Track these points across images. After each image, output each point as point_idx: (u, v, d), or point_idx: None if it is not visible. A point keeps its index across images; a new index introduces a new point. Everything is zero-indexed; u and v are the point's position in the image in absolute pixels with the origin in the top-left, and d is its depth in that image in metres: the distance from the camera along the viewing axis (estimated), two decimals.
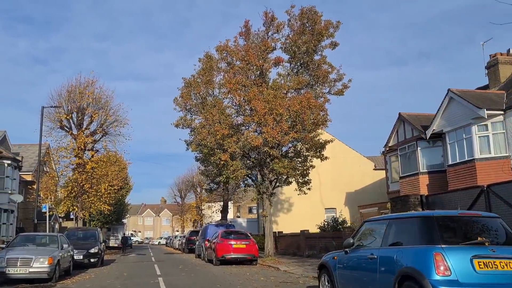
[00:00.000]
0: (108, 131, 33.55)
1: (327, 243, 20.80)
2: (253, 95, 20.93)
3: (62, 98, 32.35)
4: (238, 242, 20.65)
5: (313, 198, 37.82)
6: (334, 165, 35.42)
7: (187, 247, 37.03)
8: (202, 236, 27.32)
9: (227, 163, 20.88)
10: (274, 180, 23.98)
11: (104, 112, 32.99)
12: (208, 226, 26.96)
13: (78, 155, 31.26)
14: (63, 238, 17.42)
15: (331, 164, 32.31)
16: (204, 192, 63.45)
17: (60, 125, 31.92)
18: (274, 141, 20.50)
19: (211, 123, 20.69)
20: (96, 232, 22.96)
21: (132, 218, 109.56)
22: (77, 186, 31.24)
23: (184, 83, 22.85)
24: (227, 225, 27.74)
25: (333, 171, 37.37)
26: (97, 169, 31.84)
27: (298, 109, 20.66)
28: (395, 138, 28.57)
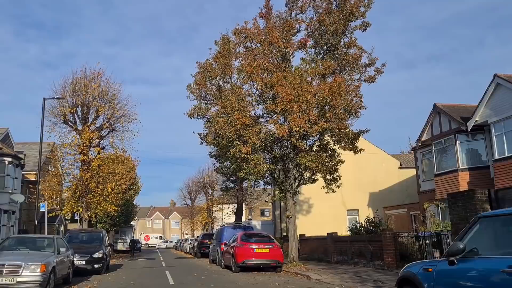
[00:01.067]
0: (115, 126, 31.34)
1: (361, 247, 18.28)
2: (277, 80, 18.51)
3: (66, 91, 30.21)
4: (261, 246, 18.19)
5: (334, 199, 35.20)
6: (356, 164, 32.81)
7: (200, 251, 34.60)
8: (217, 240, 24.88)
9: (248, 156, 18.47)
10: (298, 177, 21.53)
11: (111, 106, 30.77)
12: (224, 228, 24.53)
13: (83, 152, 29.03)
14: (61, 241, 15.09)
15: (353, 163, 29.80)
16: (215, 194, 61.12)
17: (64, 119, 29.74)
18: (301, 131, 18.05)
19: (230, 111, 18.30)
20: (101, 234, 20.63)
21: (140, 221, 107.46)
22: (82, 185, 29.01)
23: (198, 68, 20.52)
24: (245, 226, 25.31)
25: (355, 170, 34.74)
26: (103, 167, 29.60)
27: (328, 96, 18.20)
28: (429, 131, 25.97)
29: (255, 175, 18.57)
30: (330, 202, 34.90)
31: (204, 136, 22.93)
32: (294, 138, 18.33)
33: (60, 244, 14.35)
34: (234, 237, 19.98)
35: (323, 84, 18.58)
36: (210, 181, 60.23)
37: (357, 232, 19.81)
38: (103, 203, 29.05)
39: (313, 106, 18.47)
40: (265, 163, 19.05)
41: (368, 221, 19.54)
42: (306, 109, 18.37)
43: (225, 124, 18.08)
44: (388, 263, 16.04)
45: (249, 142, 18.25)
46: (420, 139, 26.70)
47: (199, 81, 19.75)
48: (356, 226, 20.33)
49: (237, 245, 18.51)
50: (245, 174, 18.84)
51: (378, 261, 16.88)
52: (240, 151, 18.16)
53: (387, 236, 16.13)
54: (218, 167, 25.71)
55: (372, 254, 17.34)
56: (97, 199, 28.86)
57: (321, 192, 35.10)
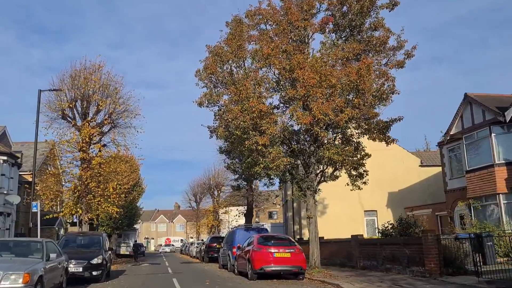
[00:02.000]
0: (117, 122, 29.26)
1: (395, 251, 16.08)
2: (297, 63, 16.40)
3: (64, 85, 28.17)
4: (281, 250, 16.02)
5: (350, 199, 33.05)
6: (374, 161, 30.42)
7: (207, 255, 32.45)
8: (229, 243, 22.75)
9: (266, 149, 16.33)
10: (319, 173, 19.39)
11: (112, 100, 28.69)
12: (236, 231, 22.37)
13: (82, 149, 26.96)
14: (52, 245, 12.99)
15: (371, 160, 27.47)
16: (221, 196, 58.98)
17: (62, 114, 27.70)
18: (326, 120, 15.91)
19: (244, 97, 16.17)
20: (101, 237, 18.54)
21: (144, 224, 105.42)
22: (82, 185, 26.94)
23: (208, 52, 18.42)
24: (259, 228, 23.14)
25: (373, 168, 31.97)
26: (104, 165, 27.53)
27: (355, 79, 16.07)
28: (459, 124, 23.78)
29: (274, 170, 16.41)
30: (346, 202, 32.75)
31: (214, 129, 20.78)
32: (318, 127, 16.19)
33: (51, 249, 12.26)
34: (250, 240, 17.84)
35: (350, 66, 16.46)
36: (216, 183, 58.10)
37: (388, 234, 17.62)
38: (104, 204, 26.94)
39: (338, 91, 16.34)
40: (285, 156, 16.87)
41: (401, 221, 17.36)
42: (331, 95, 16.23)
43: (240, 112, 15.96)
44: (430, 269, 13.86)
45: (266, 132, 16.12)
46: (448, 133, 24.51)
47: (209, 65, 17.63)
48: (386, 228, 18.13)
49: (253, 249, 16.36)
50: (262, 169, 16.70)
51: (417, 267, 14.70)
52: (256, 143, 16.01)
53: (428, 238, 13.94)
54: (228, 164, 23.54)
55: (409, 259, 15.15)
56: (97, 200, 26.76)
57: (337, 192, 33.04)
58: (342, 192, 33.41)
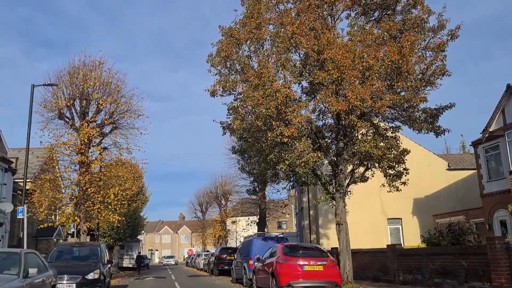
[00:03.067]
0: (118, 123, 26.87)
1: (447, 263, 13.48)
2: (327, 42, 13.98)
3: (62, 82, 25.88)
4: (312, 262, 13.45)
5: (371, 206, 30.49)
6: None
7: (217, 267, 29.85)
8: (244, 254, 20.20)
9: (292, 141, 13.84)
10: (350, 173, 16.88)
11: (114, 99, 26.33)
12: (252, 240, 19.78)
13: (80, 151, 24.55)
14: (34, 257, 10.47)
15: None
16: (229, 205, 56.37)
17: (59, 114, 25.35)
18: (364, 107, 13.43)
19: (267, 81, 13.73)
20: (99, 248, 16.03)
21: (148, 235, 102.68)
22: (80, 191, 24.49)
23: (222, 33, 16.00)
24: (279, 237, 20.58)
25: None
26: (104, 169, 25.12)
27: (397, 59, 13.63)
28: (499, 119, 21.26)
29: (302, 167, 13.89)
30: (367, 210, 30.14)
31: (227, 125, 18.32)
32: (354, 116, 13.71)
33: (31, 263, 9.75)
34: (272, 251, 15.27)
35: (391, 45, 14.02)
36: (223, 191, 55.50)
37: (436, 242, 15.01)
38: (104, 212, 24.44)
39: (376, 74, 13.88)
40: (316, 151, 14.35)
41: (455, 227, 14.75)
42: (368, 78, 13.78)
43: (262, 98, 13.50)
44: (500, 285, 11.26)
45: (293, 122, 13.64)
46: (487, 130, 21.96)
47: (224, 47, 15.19)
48: (434, 235, 15.53)
49: (278, 261, 13.80)
50: (288, 166, 14.20)
51: (479, 282, 12.11)
52: (281, 134, 13.52)
53: (496, 246, 11.36)
54: (243, 165, 21.00)
55: (468, 272, 12.56)
56: (97, 208, 24.26)
57: (357, 198, 30.30)
58: (362, 198, 30.88)
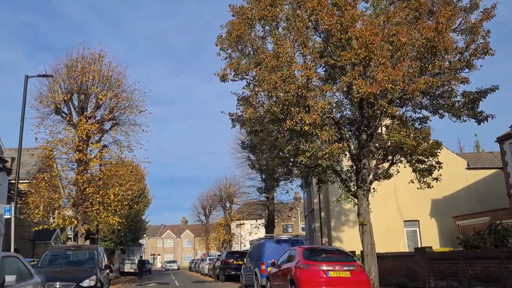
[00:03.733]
0: (119, 119, 25.29)
1: (491, 268, 11.79)
2: (351, 19, 12.38)
3: (59, 75, 24.33)
4: (337, 267, 11.79)
5: (387, 208, 28.77)
6: None
7: (223, 273, 28.18)
8: (255, 258, 18.54)
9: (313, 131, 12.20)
10: (374, 168, 15.23)
11: (114, 93, 24.75)
12: (264, 243, 18.06)
13: (78, 148, 22.97)
14: (15, 262, 8.81)
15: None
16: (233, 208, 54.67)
17: (56, 109, 23.80)
18: (396, 90, 11.80)
19: (284, 61, 12.12)
20: (95, 252, 14.41)
21: (150, 240, 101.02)
22: (78, 191, 22.89)
23: (233, 13, 14.37)
24: (293, 240, 18.88)
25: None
26: (104, 167, 23.55)
27: (433, 36, 12.01)
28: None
29: (326, 159, 12.23)
30: (382, 212, 28.37)
31: (237, 117, 16.71)
32: (385, 100, 12.07)
33: (10, 269, 8.11)
34: (289, 254, 13.63)
35: (424, 21, 12.41)
36: (228, 193, 53.80)
37: (475, 245, 13.34)
38: (103, 213, 22.82)
39: (408, 54, 12.26)
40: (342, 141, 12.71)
41: (497, 228, 13.09)
42: (399, 58, 12.16)
43: (280, 80, 11.87)
44: None
45: (314, 108, 12.01)
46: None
47: (236, 26, 13.55)
48: (472, 237, 13.85)
49: (298, 266, 12.14)
50: (308, 158, 12.54)
51: None
52: (302, 121, 11.89)
53: None
54: (253, 162, 19.28)
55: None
56: (96, 209, 22.64)
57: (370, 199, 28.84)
58: (377, 199, 28.97)
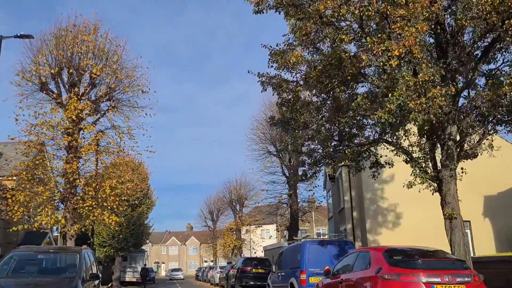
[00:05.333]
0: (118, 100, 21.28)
1: None
2: None
3: (46, 46, 20.38)
4: (446, 278, 7.58)
5: (432, 206, 24.33)
6: None
7: (240, 283, 23.94)
8: (290, 265, 14.37)
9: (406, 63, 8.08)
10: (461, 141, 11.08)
11: (111, 69, 20.74)
12: (304, 246, 13.73)
13: (67, 131, 18.95)
14: None
15: None
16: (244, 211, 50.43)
17: (41, 85, 19.82)
18: None
19: None
20: (77, 257, 10.25)
21: (154, 247, 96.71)
22: (66, 183, 18.83)
23: None
24: (342, 241, 14.67)
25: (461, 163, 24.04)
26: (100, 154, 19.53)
27: None
28: None
29: (423, 110, 8.07)
30: (426, 210, 24.02)
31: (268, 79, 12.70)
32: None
33: None
34: (356, 258, 9.42)
35: None
36: (239, 195, 49.60)
37: None
38: (97, 210, 18.70)
39: None
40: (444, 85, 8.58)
41: None
42: None
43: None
44: None
45: (404, 35, 7.88)
46: None
47: None
48: None
49: (381, 276, 7.93)
50: (390, 115, 8.35)
51: None
52: (387, 50, 7.76)
53: None
54: (288, 142, 14.88)
55: None
56: (88, 205, 18.54)
57: (413, 196, 24.40)
58: (420, 196, 24.93)
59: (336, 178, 28.34)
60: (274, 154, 26.97)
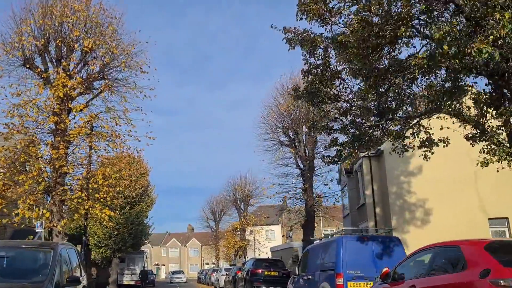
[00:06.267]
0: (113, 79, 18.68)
1: None
2: None
3: (31, 16, 17.79)
4: None
5: (465, 202, 21.88)
6: None
7: (250, 286, 21.30)
8: (322, 267, 11.73)
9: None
10: None
11: (106, 43, 18.13)
12: (339, 242, 11.03)
13: (54, 111, 16.35)
14: None
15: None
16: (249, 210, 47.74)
17: (24, 59, 17.24)
18: None
19: None
20: (51, 255, 7.62)
21: (154, 249, 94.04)
22: (52, 171, 16.23)
23: None
24: (384, 238, 12.01)
25: None
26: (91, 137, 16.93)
27: None
28: None
29: None
30: (459, 207, 21.58)
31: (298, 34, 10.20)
32: None
33: None
34: (434, 257, 6.79)
35: None
36: (243, 194, 46.91)
37: None
38: (87, 203, 16.06)
39: None
40: None
41: None
42: None
43: None
44: None
45: None
46: None
47: None
48: None
49: (491, 280, 5.32)
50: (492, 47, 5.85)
51: None
52: None
53: None
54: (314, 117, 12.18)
55: None
56: (77, 196, 15.92)
57: (444, 191, 21.98)
58: (452, 191, 22.43)
59: (355, 171, 25.71)
60: (287, 145, 24.34)
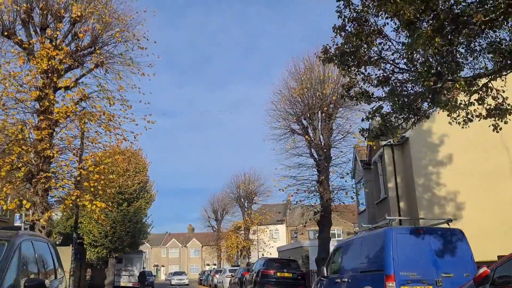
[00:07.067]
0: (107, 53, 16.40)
1: None
2: None
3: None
4: None
5: (501, 196, 19.53)
6: None
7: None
8: (362, 268, 9.40)
9: None
10: None
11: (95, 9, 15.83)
12: (387, 234, 8.60)
13: (36, 85, 14.06)
14: None
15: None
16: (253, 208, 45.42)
17: (3, 28, 14.97)
18: None
19: None
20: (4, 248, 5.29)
21: (154, 249, 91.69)
22: (36, 156, 13.93)
23: None
24: (443, 231, 9.68)
25: None
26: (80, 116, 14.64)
27: None
28: None
29: None
30: (495, 202, 19.26)
31: None
32: None
33: None
34: None
35: None
36: (247, 191, 44.57)
37: None
38: (75, 193, 13.75)
39: None
40: None
41: None
42: None
43: None
44: None
45: None
46: None
47: None
48: None
49: None
50: None
51: None
52: None
53: None
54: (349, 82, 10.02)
55: None
56: (63, 185, 13.63)
57: (476, 183, 19.68)
58: (485, 183, 20.09)
59: (374, 163, 23.37)
60: (299, 133, 22.05)
